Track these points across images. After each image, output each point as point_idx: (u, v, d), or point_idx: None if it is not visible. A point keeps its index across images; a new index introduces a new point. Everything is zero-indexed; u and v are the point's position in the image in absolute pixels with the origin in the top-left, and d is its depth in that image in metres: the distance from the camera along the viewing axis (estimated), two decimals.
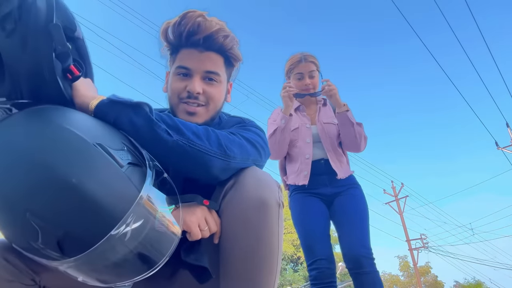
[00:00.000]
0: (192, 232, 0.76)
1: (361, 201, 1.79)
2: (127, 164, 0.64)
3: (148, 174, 0.66)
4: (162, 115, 0.77)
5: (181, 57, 0.96)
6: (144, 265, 0.64)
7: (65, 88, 0.71)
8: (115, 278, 0.64)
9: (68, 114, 0.66)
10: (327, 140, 1.86)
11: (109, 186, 0.60)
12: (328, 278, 1.65)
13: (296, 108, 1.97)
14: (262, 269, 0.77)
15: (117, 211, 0.58)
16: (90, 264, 0.59)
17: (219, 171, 0.80)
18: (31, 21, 0.63)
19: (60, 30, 0.66)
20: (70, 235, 0.58)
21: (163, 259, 0.66)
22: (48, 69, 0.66)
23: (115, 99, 0.74)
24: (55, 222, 0.57)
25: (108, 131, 0.69)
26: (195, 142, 0.76)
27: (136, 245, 0.61)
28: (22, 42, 0.63)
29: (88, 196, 0.57)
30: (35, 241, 0.57)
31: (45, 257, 0.59)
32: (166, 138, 0.74)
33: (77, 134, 0.61)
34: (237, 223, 0.77)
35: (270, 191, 0.78)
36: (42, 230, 0.57)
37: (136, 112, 0.74)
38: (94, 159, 0.60)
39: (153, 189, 0.65)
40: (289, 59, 1.96)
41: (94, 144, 0.61)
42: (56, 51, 0.66)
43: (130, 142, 0.71)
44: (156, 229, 0.64)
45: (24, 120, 0.62)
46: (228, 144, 0.81)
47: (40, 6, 0.64)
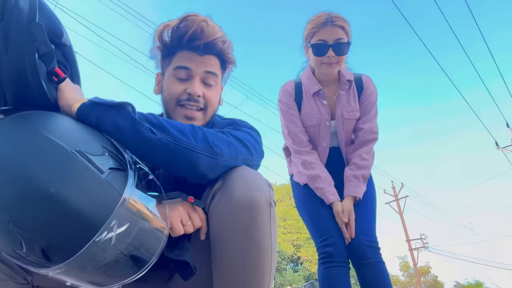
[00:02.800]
0: (173, 227, 0.75)
1: (368, 187, 1.63)
2: (108, 170, 0.63)
3: (129, 176, 0.65)
4: (146, 114, 0.77)
5: (179, 58, 0.96)
6: (134, 266, 0.64)
7: (50, 90, 0.70)
8: (105, 281, 0.64)
9: (48, 120, 0.66)
10: (343, 134, 1.64)
11: (89, 194, 0.59)
12: (344, 258, 1.46)
13: (315, 93, 1.62)
14: (255, 269, 0.76)
15: (98, 218, 0.58)
16: (78, 269, 0.59)
17: (206, 168, 0.79)
18: (13, 20, 0.62)
19: (42, 29, 0.65)
20: (53, 244, 0.58)
21: (152, 259, 0.66)
22: (31, 69, 0.65)
23: (97, 101, 0.73)
24: (36, 232, 0.57)
25: (89, 135, 0.68)
26: (180, 140, 0.75)
27: (123, 248, 0.61)
28: (4, 42, 0.63)
29: (67, 205, 0.56)
30: (20, 250, 0.58)
31: (32, 264, 0.59)
32: (150, 136, 0.73)
33: (55, 142, 0.60)
34: (226, 225, 0.76)
35: (259, 191, 0.77)
36: (25, 240, 0.57)
37: (118, 112, 0.73)
38: (73, 167, 0.59)
39: (136, 191, 0.65)
40: (311, 20, 1.52)
41: (73, 151, 0.60)
42: (39, 51, 0.66)
43: (112, 145, 0.70)
44: (143, 230, 0.64)
45: (3, 129, 0.62)
46: (215, 141, 0.80)
47: (22, 6, 0.64)
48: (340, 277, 1.45)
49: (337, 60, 1.50)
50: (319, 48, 1.49)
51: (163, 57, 1.00)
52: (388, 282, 1.45)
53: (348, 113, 1.61)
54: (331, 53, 1.47)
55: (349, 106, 1.61)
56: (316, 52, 1.51)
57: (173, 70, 0.96)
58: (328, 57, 1.49)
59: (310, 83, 1.62)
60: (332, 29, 1.45)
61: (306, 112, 1.62)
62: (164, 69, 1.00)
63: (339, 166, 1.65)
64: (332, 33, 1.45)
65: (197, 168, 0.77)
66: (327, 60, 1.50)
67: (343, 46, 1.47)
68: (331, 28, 1.45)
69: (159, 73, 1.03)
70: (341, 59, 1.51)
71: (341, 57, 1.50)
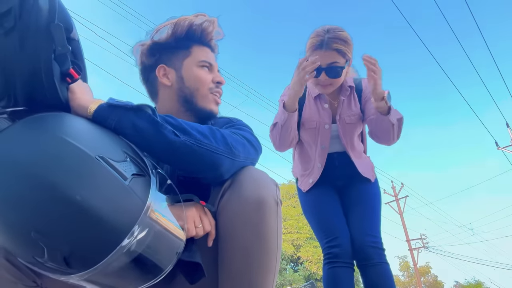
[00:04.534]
0: (187, 228, 0.76)
1: (373, 190, 1.61)
2: (131, 176, 0.63)
3: (152, 183, 0.65)
4: (165, 117, 0.77)
5: (200, 53, 1.02)
6: (152, 271, 0.65)
7: (62, 91, 0.69)
8: (121, 287, 0.64)
9: (66, 123, 0.65)
10: (346, 138, 1.61)
11: (113, 201, 0.59)
12: (349, 259, 1.46)
13: (317, 96, 1.60)
14: (261, 266, 0.77)
15: (123, 225, 0.58)
16: (98, 276, 0.59)
17: (225, 169, 0.81)
18: (32, 20, 0.61)
19: (61, 30, 0.64)
20: (76, 251, 0.58)
21: (171, 263, 0.66)
22: (46, 70, 0.64)
23: (115, 103, 0.73)
24: (61, 240, 0.57)
25: (109, 139, 0.68)
26: (203, 142, 0.77)
27: (143, 254, 0.61)
28: (20, 41, 0.62)
29: (93, 213, 0.56)
30: (41, 258, 0.57)
31: (52, 271, 0.59)
32: (173, 139, 0.74)
33: (78, 147, 0.59)
34: (235, 222, 0.78)
35: (268, 190, 0.79)
36: (48, 248, 0.56)
37: (138, 115, 0.73)
38: (97, 174, 0.59)
39: (157, 197, 0.65)
40: (310, 37, 1.48)
41: (97, 157, 0.59)
42: (56, 52, 0.65)
43: (131, 150, 0.70)
44: (162, 236, 0.65)
45: (23, 133, 0.60)
46: (233, 143, 0.82)
47: (42, 5, 0.63)
48: (344, 277, 1.45)
49: (330, 82, 1.48)
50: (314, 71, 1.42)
51: (173, 50, 1.00)
52: (392, 283, 1.44)
53: (350, 117, 1.59)
54: (324, 76, 1.45)
55: (350, 111, 1.59)
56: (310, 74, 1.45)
57: (199, 62, 1.01)
58: (321, 79, 1.47)
59: (313, 86, 1.60)
60: (325, 53, 1.41)
61: (307, 114, 1.62)
62: (177, 62, 1.00)
63: (344, 170, 1.63)
64: (326, 56, 1.42)
65: (218, 169, 0.79)
66: (321, 82, 1.49)
67: (336, 70, 1.44)
68: (325, 52, 1.41)
69: (163, 66, 1.00)
70: (335, 81, 1.48)
71: (334, 79, 1.47)
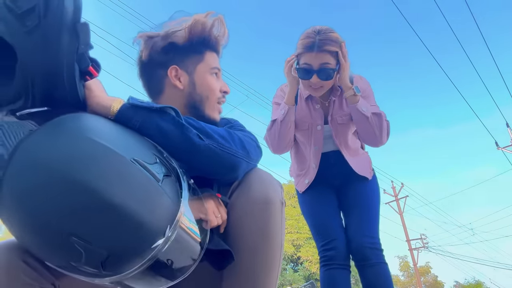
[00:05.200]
0: (209, 219, 0.79)
1: (371, 187, 1.61)
2: (163, 177, 0.64)
3: (184, 187, 0.68)
4: (188, 119, 0.78)
5: (211, 59, 0.99)
6: (183, 265, 0.67)
7: (80, 89, 0.69)
8: (156, 282, 0.65)
9: (96, 125, 0.64)
10: (339, 138, 1.61)
11: (150, 203, 0.60)
12: (345, 260, 1.49)
13: (308, 97, 1.60)
14: (266, 264, 0.80)
15: (157, 227, 0.60)
16: (134, 277, 0.60)
17: (242, 171, 0.84)
18: (57, 19, 0.61)
19: (88, 29, 0.64)
20: (114, 255, 0.58)
21: (199, 256, 0.70)
22: (68, 70, 0.64)
23: (139, 104, 0.73)
24: (100, 244, 0.57)
25: (138, 141, 0.69)
26: (225, 145, 0.80)
27: (174, 249, 0.63)
28: (44, 40, 0.61)
29: (131, 215, 0.57)
30: (77, 262, 0.58)
31: (86, 274, 0.60)
32: (198, 142, 0.75)
33: (114, 151, 0.60)
34: (243, 220, 0.80)
35: (274, 190, 0.82)
36: (87, 252, 0.57)
37: (162, 117, 0.74)
38: (133, 177, 0.60)
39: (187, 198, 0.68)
40: (301, 39, 1.45)
41: (132, 160, 0.60)
42: (78, 51, 0.65)
43: (158, 151, 0.71)
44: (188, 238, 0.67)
45: (54, 136, 0.60)
46: (248, 146, 0.86)
47: (67, 5, 0.62)
48: (340, 279, 1.47)
49: (321, 85, 1.46)
50: (304, 72, 1.44)
51: (186, 52, 0.96)
52: (390, 283, 1.45)
53: (341, 118, 1.58)
54: (316, 78, 1.43)
55: (341, 111, 1.58)
56: (301, 76, 1.47)
57: (211, 69, 0.99)
58: (312, 81, 1.45)
59: (304, 88, 1.59)
60: (317, 55, 1.39)
61: (298, 115, 1.61)
62: (189, 65, 0.96)
63: (340, 169, 1.63)
64: (318, 58, 1.39)
65: (236, 172, 0.83)
66: (313, 85, 1.47)
67: (328, 72, 1.41)
68: (316, 54, 1.39)
69: (175, 67, 0.95)
70: (326, 83, 1.46)
71: (325, 82, 1.45)
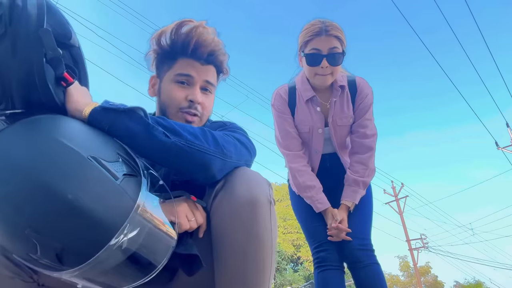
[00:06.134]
0: (180, 222, 0.78)
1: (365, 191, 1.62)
2: (122, 176, 0.65)
3: (143, 183, 0.67)
4: (157, 118, 0.79)
5: (181, 65, 0.98)
6: (144, 269, 0.66)
7: (57, 94, 0.71)
8: (115, 284, 0.66)
9: (62, 125, 0.67)
10: (337, 140, 1.64)
11: (104, 199, 0.61)
12: (337, 262, 1.50)
13: (308, 99, 1.59)
14: (257, 265, 0.78)
15: (113, 223, 0.60)
16: (91, 272, 0.60)
17: (217, 170, 0.82)
18: (21, 26, 0.63)
19: (50, 35, 0.66)
20: (68, 248, 0.60)
21: (165, 259, 0.68)
22: (39, 75, 0.66)
23: (108, 106, 0.74)
24: (53, 237, 0.59)
25: (102, 141, 0.70)
26: (194, 142, 0.78)
27: (134, 252, 0.63)
28: (12, 47, 0.63)
29: (84, 211, 0.58)
30: (34, 254, 0.60)
31: (45, 267, 0.61)
32: (164, 140, 0.75)
33: (71, 148, 0.62)
34: (229, 222, 0.79)
35: (260, 190, 0.80)
36: (41, 245, 0.59)
37: (130, 117, 0.75)
38: (89, 173, 0.61)
39: (148, 197, 0.67)
40: (305, 28, 1.46)
41: (89, 157, 0.62)
42: (47, 56, 0.67)
43: (125, 151, 0.72)
44: (154, 233, 0.67)
45: (19, 134, 0.63)
46: (225, 144, 0.83)
47: (30, 11, 0.65)
48: (334, 280, 1.48)
49: (331, 71, 1.46)
50: (313, 58, 1.44)
51: (160, 61, 1.02)
52: (383, 283, 1.46)
53: (342, 119, 1.59)
54: (325, 63, 1.43)
55: (342, 113, 1.58)
56: (310, 62, 1.46)
57: (175, 76, 0.97)
58: (322, 67, 1.44)
59: (304, 89, 1.59)
60: (326, 39, 1.41)
61: (299, 118, 1.61)
62: (162, 73, 1.02)
63: (335, 171, 1.66)
64: (327, 42, 1.41)
65: (209, 170, 0.80)
66: (321, 72, 1.46)
67: (337, 56, 1.43)
68: (326, 37, 1.40)
69: (154, 76, 1.05)
70: (335, 69, 1.46)
71: (335, 67, 1.45)
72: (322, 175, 1.64)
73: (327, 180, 1.64)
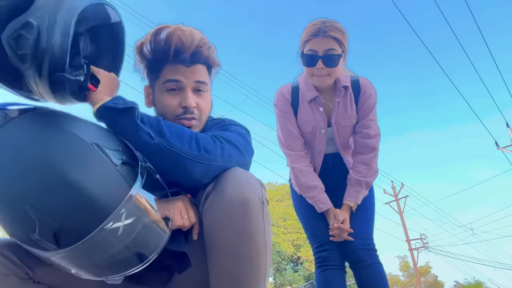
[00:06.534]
0: (173, 218, 0.78)
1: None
2: (121, 164, 0.69)
3: (140, 172, 0.69)
4: (151, 118, 0.81)
5: (168, 72, 0.97)
6: (135, 259, 0.68)
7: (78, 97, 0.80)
8: (106, 271, 0.67)
9: (66, 116, 0.73)
10: (340, 140, 1.64)
11: (103, 182, 0.65)
12: (339, 261, 1.50)
13: (311, 99, 1.58)
14: (251, 266, 0.78)
15: (109, 206, 0.62)
16: (83, 255, 0.62)
17: (200, 174, 0.82)
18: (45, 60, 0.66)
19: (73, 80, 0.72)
20: (65, 227, 0.62)
21: (156, 251, 0.69)
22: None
23: (109, 105, 0.78)
24: (52, 214, 0.62)
25: (105, 132, 0.75)
26: (176, 146, 0.79)
27: (127, 240, 0.64)
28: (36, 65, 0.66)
29: (83, 191, 0.62)
30: (32, 233, 0.62)
31: (41, 248, 0.63)
32: (148, 141, 0.77)
33: (74, 133, 0.67)
34: (220, 224, 0.78)
35: (252, 190, 0.79)
36: (40, 222, 0.61)
37: (125, 116, 0.78)
38: (90, 157, 0.66)
39: (144, 188, 0.69)
40: (306, 28, 1.45)
41: (91, 143, 0.66)
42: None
43: (125, 144, 0.76)
44: (149, 223, 0.69)
45: (26, 123, 0.68)
46: (209, 148, 0.82)
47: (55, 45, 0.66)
48: (335, 280, 1.48)
49: (327, 72, 1.44)
50: (309, 59, 1.43)
51: (148, 71, 1.01)
52: (385, 283, 1.46)
53: (345, 120, 1.59)
54: (321, 64, 1.41)
55: (345, 113, 1.58)
56: (306, 63, 1.46)
57: (163, 84, 0.96)
58: (317, 68, 1.43)
59: (307, 89, 1.58)
60: (323, 40, 1.39)
61: (302, 118, 1.61)
62: (152, 83, 1.02)
63: (338, 171, 1.67)
64: (323, 43, 1.39)
65: (191, 175, 0.81)
66: (317, 73, 1.45)
67: (333, 58, 1.40)
68: (322, 38, 1.39)
69: (147, 86, 1.04)
70: (332, 70, 1.44)
71: (331, 69, 1.43)
72: (324, 175, 1.64)
73: (329, 180, 1.64)
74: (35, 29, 0.63)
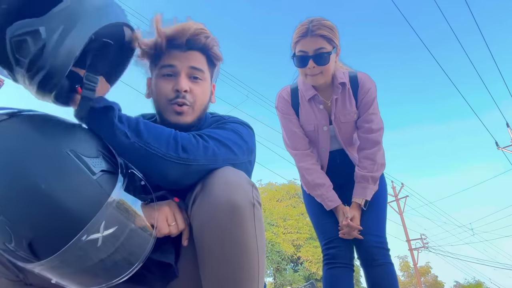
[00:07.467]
0: (159, 226, 0.75)
1: (379, 186, 1.59)
2: (100, 172, 0.65)
3: (119, 180, 0.66)
4: (130, 117, 0.78)
5: (164, 58, 0.96)
6: (119, 268, 0.65)
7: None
8: (89, 282, 0.65)
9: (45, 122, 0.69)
10: (343, 137, 1.63)
11: (78, 192, 0.62)
12: (347, 259, 1.49)
13: (311, 98, 1.59)
14: (242, 271, 0.75)
15: (85, 216, 0.60)
16: (63, 267, 0.60)
17: (178, 175, 0.78)
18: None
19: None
20: (40, 238, 0.60)
21: (139, 262, 0.67)
22: None
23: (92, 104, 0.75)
24: (24, 225, 0.59)
25: (85, 137, 0.71)
26: (151, 145, 0.76)
27: (109, 249, 0.62)
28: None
29: (56, 202, 0.59)
30: (9, 244, 0.60)
31: (21, 259, 0.62)
32: (123, 141, 0.74)
33: (51, 141, 0.64)
34: (208, 228, 0.75)
35: (241, 192, 0.75)
36: (14, 233, 0.59)
37: (102, 115, 0.75)
38: (64, 165, 0.62)
39: (125, 194, 0.66)
40: (296, 29, 1.47)
41: (67, 151, 0.63)
42: None
43: (108, 149, 0.73)
44: (130, 233, 0.66)
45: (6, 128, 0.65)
46: (188, 147, 0.79)
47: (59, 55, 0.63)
48: (343, 278, 1.47)
49: (320, 71, 1.45)
50: (300, 60, 1.45)
51: (150, 63, 1.01)
52: (396, 283, 1.46)
53: (345, 116, 1.58)
54: (312, 64, 1.43)
55: (345, 110, 1.58)
56: (298, 64, 1.48)
57: (159, 70, 0.96)
58: (310, 68, 1.44)
59: (306, 88, 1.59)
60: (311, 39, 1.40)
61: (303, 118, 1.62)
62: (152, 73, 1.01)
63: (345, 168, 1.65)
64: (312, 43, 1.40)
65: (166, 176, 0.78)
66: (310, 72, 1.46)
67: (323, 56, 1.42)
68: (311, 38, 1.40)
69: (149, 78, 1.03)
70: (325, 68, 1.45)
71: (323, 67, 1.44)
72: (332, 172, 1.64)
73: (337, 177, 1.63)
74: (41, 42, 0.59)
